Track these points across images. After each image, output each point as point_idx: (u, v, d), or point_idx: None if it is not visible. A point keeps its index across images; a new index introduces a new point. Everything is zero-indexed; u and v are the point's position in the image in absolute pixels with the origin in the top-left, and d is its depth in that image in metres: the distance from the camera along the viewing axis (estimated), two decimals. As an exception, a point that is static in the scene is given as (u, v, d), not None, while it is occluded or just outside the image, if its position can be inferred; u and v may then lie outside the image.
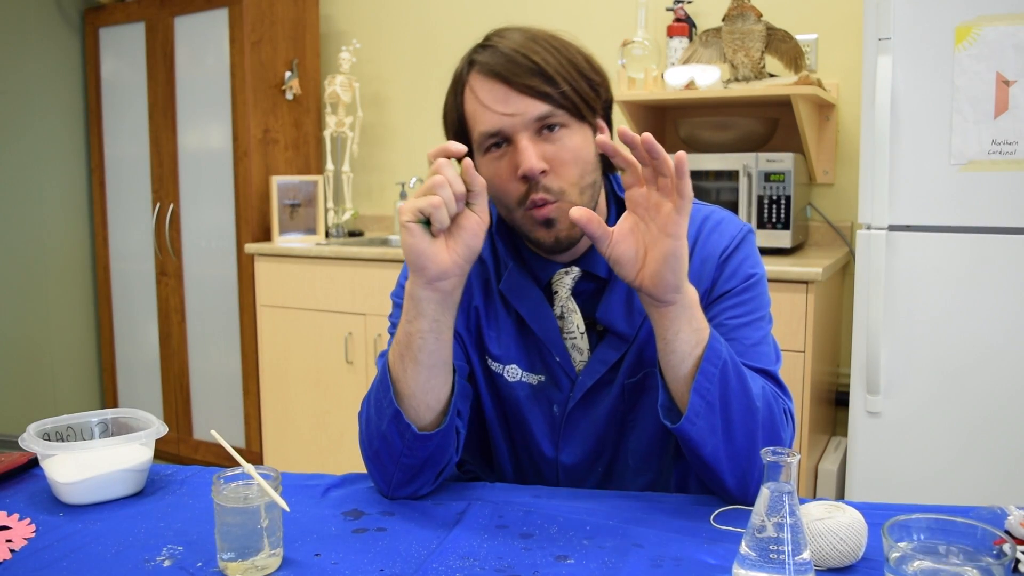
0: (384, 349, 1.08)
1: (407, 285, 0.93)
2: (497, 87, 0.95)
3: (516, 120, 0.95)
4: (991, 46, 1.82)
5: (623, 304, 1.03)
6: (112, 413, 1.10)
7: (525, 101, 0.94)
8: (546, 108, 0.95)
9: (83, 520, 0.94)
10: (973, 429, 1.92)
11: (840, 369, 2.60)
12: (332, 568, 0.81)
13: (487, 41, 0.99)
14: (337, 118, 3.14)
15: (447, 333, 0.94)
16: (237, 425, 3.16)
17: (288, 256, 2.88)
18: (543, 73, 0.94)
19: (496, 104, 0.95)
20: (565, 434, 1.06)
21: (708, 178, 2.35)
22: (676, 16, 2.59)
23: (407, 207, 0.87)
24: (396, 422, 0.94)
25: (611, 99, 1.05)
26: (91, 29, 3.38)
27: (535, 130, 0.95)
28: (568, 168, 0.96)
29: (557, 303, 1.05)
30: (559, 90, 0.95)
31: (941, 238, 1.92)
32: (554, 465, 1.09)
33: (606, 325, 1.03)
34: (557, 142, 0.96)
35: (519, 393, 1.07)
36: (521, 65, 0.94)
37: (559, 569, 0.80)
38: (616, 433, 1.07)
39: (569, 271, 1.05)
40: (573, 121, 0.97)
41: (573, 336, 1.04)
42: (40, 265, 3.39)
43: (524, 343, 1.07)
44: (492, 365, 1.08)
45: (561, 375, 1.05)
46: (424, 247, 0.88)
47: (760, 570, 0.71)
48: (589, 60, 1.01)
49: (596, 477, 1.09)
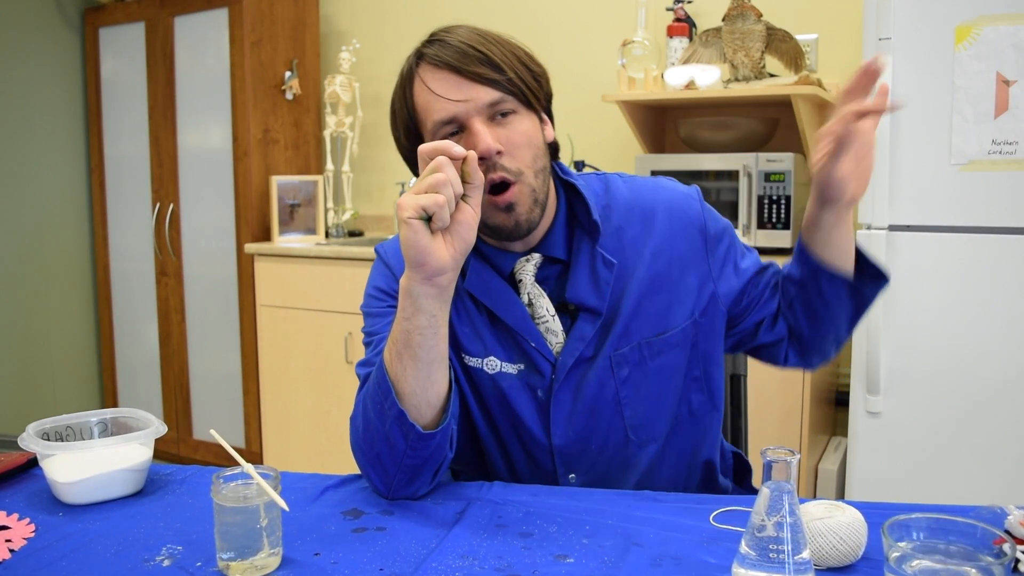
0: (361, 359, 1.08)
1: (402, 282, 0.93)
2: (448, 76, 0.99)
3: (469, 106, 0.98)
4: (991, 46, 1.82)
5: (589, 280, 1.06)
6: (111, 413, 1.10)
7: (476, 88, 0.98)
8: (497, 94, 0.99)
9: (82, 520, 0.94)
10: (973, 429, 1.92)
11: (840, 369, 2.60)
12: (332, 567, 0.81)
13: (434, 36, 1.03)
14: (337, 118, 3.14)
15: (444, 328, 0.95)
16: (237, 425, 3.16)
17: (288, 256, 2.88)
18: (491, 62, 0.99)
19: (448, 92, 0.98)
20: (554, 416, 1.07)
21: (708, 178, 2.35)
22: (676, 16, 2.59)
23: (409, 203, 0.88)
24: (400, 423, 0.94)
25: (551, 93, 1.10)
26: (91, 29, 3.38)
27: (487, 116, 0.99)
28: (522, 150, 1.00)
29: (523, 291, 1.07)
30: (507, 78, 0.99)
31: (941, 238, 1.92)
32: (548, 451, 1.09)
33: (577, 303, 1.06)
34: (508, 126, 1.00)
35: (502, 384, 1.08)
36: (470, 55, 0.99)
37: (559, 568, 0.80)
38: (609, 408, 1.08)
39: (530, 258, 1.07)
40: (522, 108, 1.02)
41: (545, 320, 1.07)
42: (40, 265, 3.39)
43: (498, 335, 1.08)
44: (470, 361, 1.09)
45: (540, 360, 1.06)
46: (425, 244, 0.89)
47: (760, 569, 0.71)
48: (530, 55, 1.06)
49: (591, 456, 1.09)
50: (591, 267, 1.06)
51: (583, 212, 1.07)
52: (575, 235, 1.08)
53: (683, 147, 2.66)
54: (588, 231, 1.07)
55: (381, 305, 1.10)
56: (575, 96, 2.88)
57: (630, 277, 1.07)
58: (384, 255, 1.14)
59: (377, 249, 1.16)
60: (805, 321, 1.08)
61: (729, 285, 1.11)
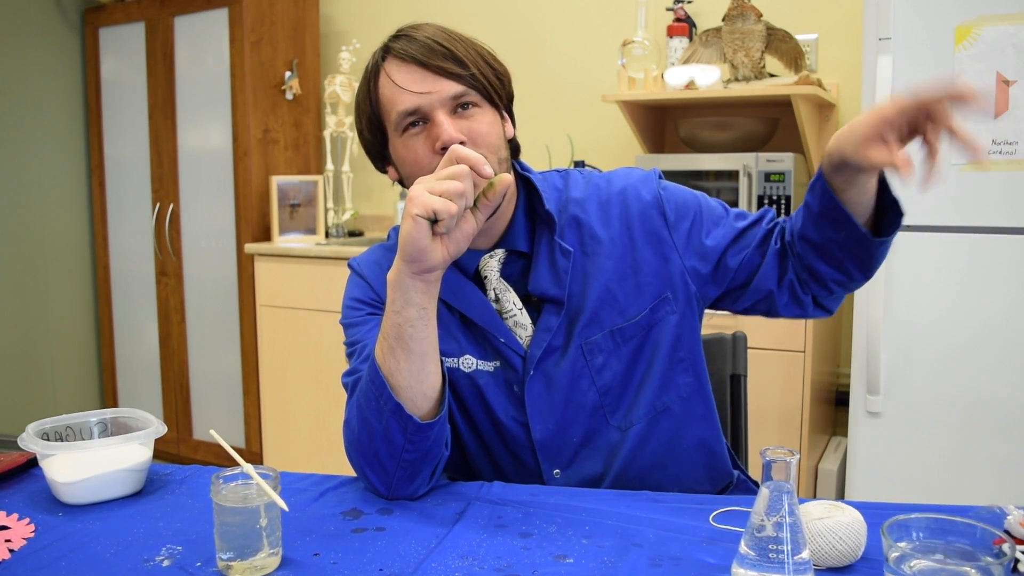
0: (346, 370, 1.09)
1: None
2: (414, 69, 1.02)
3: (433, 98, 1.01)
4: (991, 46, 1.82)
5: (548, 271, 1.08)
6: (111, 413, 1.10)
7: (440, 81, 1.01)
8: (460, 88, 1.02)
9: (82, 520, 0.94)
10: (973, 429, 1.92)
11: (840, 369, 2.60)
12: (331, 567, 0.81)
13: (401, 32, 1.06)
14: (337, 118, 3.14)
15: (433, 320, 0.96)
16: (237, 425, 3.16)
17: (288, 256, 2.88)
18: (455, 58, 1.02)
19: (413, 85, 1.01)
20: (530, 410, 1.07)
21: (708, 178, 2.35)
22: (676, 16, 2.59)
23: (421, 201, 0.88)
24: (398, 416, 0.94)
25: (513, 94, 1.12)
26: (91, 29, 3.38)
27: (451, 108, 1.02)
28: (484, 139, 1.02)
29: (489, 287, 1.09)
30: (470, 73, 1.02)
31: (941, 238, 1.92)
32: (528, 447, 1.09)
33: (539, 295, 1.08)
34: (471, 118, 1.03)
35: (479, 383, 1.09)
36: (435, 51, 1.02)
37: (558, 568, 0.80)
38: (584, 396, 1.08)
39: (493, 254, 1.09)
40: (484, 103, 1.05)
41: (512, 314, 1.08)
42: (40, 265, 3.39)
43: (471, 334, 1.09)
44: (447, 362, 1.09)
45: (511, 354, 1.07)
46: (425, 244, 0.90)
47: (759, 569, 0.71)
48: (493, 55, 1.09)
49: (572, 448, 1.09)
50: (550, 258, 1.08)
51: (540, 205, 1.09)
52: (536, 229, 1.10)
53: (683, 147, 2.66)
54: (547, 223, 1.09)
55: (360, 314, 1.12)
56: (575, 96, 2.88)
57: (593, 266, 1.08)
58: (358, 268, 1.16)
59: (351, 264, 1.18)
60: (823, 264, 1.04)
61: (701, 258, 1.10)
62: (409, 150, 1.04)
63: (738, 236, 1.10)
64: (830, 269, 1.04)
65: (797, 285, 1.08)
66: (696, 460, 1.14)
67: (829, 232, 1.00)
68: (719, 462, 1.17)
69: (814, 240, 1.02)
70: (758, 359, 2.12)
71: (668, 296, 1.10)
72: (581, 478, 1.09)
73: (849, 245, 1.00)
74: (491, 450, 1.12)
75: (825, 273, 1.04)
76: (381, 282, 1.08)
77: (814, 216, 1.01)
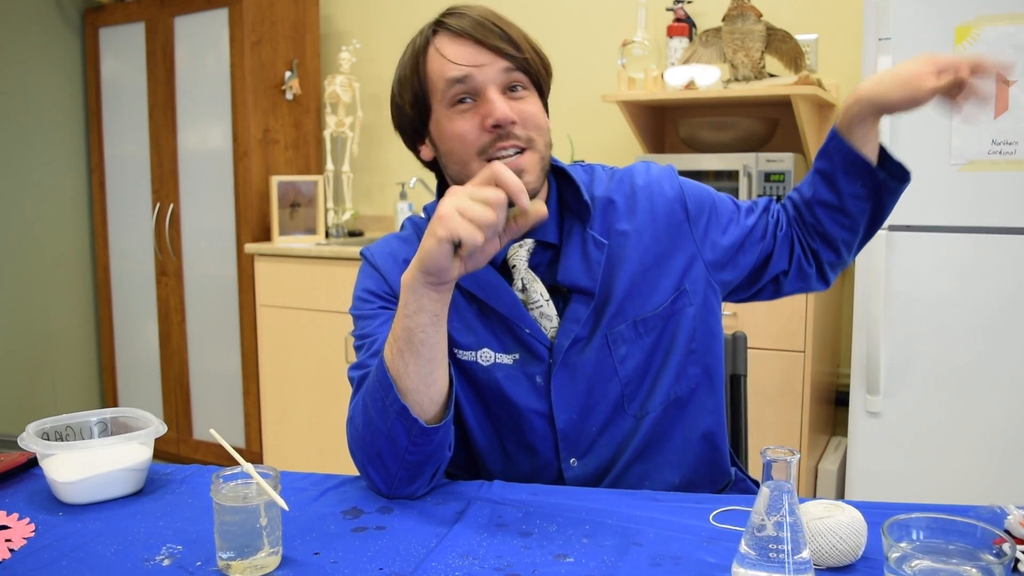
0: (353, 363, 1.08)
1: (405, 278, 0.93)
2: (467, 44, 1.01)
3: (486, 70, 1.00)
4: (991, 46, 1.82)
5: (580, 261, 1.08)
6: (111, 412, 1.10)
7: (495, 58, 1.01)
8: (513, 65, 1.01)
9: (82, 519, 0.94)
10: (973, 429, 1.92)
11: (840, 369, 2.60)
12: (331, 567, 0.81)
13: (451, 10, 1.05)
14: (337, 118, 3.14)
15: (444, 326, 0.95)
16: (237, 425, 3.16)
17: (288, 256, 2.88)
18: (510, 39, 1.01)
19: (466, 59, 1.00)
20: (555, 399, 1.07)
21: (708, 178, 2.35)
22: (676, 16, 2.59)
23: (450, 225, 0.85)
24: (403, 418, 0.94)
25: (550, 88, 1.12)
26: (91, 29, 3.38)
27: (502, 86, 1.01)
28: (534, 120, 1.03)
29: (517, 276, 1.08)
30: (523, 56, 1.02)
31: (941, 238, 1.92)
32: (550, 437, 1.08)
33: (569, 285, 1.08)
34: (521, 100, 1.03)
35: (497, 375, 1.08)
36: (491, 29, 1.01)
37: (558, 568, 0.80)
38: (605, 386, 1.08)
39: (523, 244, 1.09)
40: (532, 88, 1.05)
41: (539, 305, 1.07)
42: (40, 265, 3.39)
43: (490, 325, 1.08)
44: (463, 355, 1.09)
45: (536, 345, 1.07)
46: (445, 265, 0.89)
47: (759, 569, 0.71)
48: (539, 46, 1.08)
49: (590, 437, 1.09)
50: (582, 249, 1.08)
51: (572, 196, 1.09)
52: (565, 220, 1.10)
53: (683, 147, 2.66)
54: (578, 214, 1.09)
55: (372, 307, 1.11)
56: (575, 96, 2.88)
57: (620, 258, 1.09)
58: (371, 257, 1.15)
59: (363, 252, 1.17)
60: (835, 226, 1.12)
61: (717, 251, 1.13)
62: (456, 125, 1.02)
63: (750, 231, 1.15)
64: (842, 230, 1.12)
65: (803, 259, 1.15)
66: (702, 452, 1.15)
67: (848, 187, 1.08)
68: (722, 458, 1.17)
69: (830, 201, 1.10)
70: (758, 359, 2.12)
71: (687, 289, 1.11)
72: (596, 466, 1.10)
73: (866, 195, 1.08)
74: (505, 446, 1.11)
75: (837, 235, 1.12)
76: (395, 275, 1.08)
77: (833, 175, 1.08)
